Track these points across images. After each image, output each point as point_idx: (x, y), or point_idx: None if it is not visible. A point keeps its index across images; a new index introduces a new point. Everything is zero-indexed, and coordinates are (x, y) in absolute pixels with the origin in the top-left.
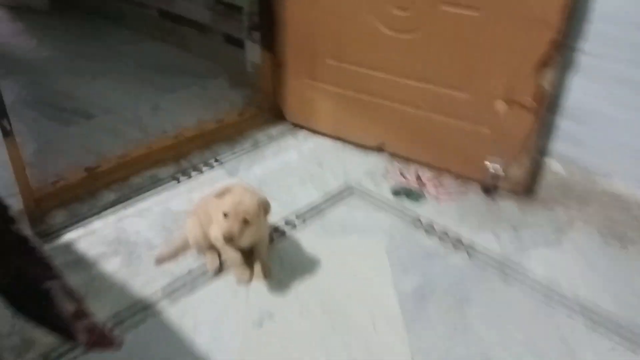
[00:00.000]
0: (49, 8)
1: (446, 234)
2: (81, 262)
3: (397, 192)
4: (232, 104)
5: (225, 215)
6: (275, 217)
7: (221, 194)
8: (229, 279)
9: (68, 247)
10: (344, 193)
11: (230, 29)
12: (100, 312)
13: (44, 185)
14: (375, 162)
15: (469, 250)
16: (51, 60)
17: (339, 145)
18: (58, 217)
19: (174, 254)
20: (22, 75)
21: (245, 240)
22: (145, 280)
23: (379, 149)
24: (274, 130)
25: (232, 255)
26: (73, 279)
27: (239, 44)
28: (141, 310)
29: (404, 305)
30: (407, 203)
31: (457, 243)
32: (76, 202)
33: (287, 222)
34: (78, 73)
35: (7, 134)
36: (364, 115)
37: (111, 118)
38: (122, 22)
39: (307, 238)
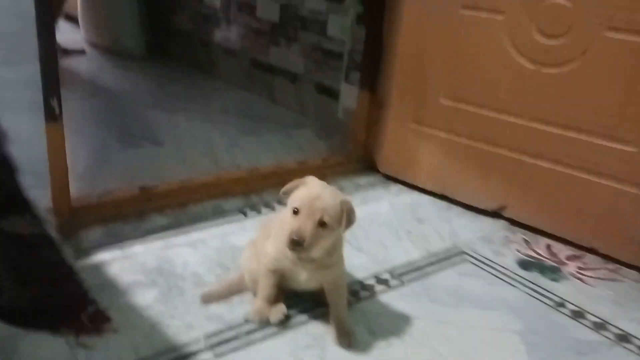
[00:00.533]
0: (145, 54)
1: (604, 324)
2: (108, 288)
3: (526, 266)
4: (317, 154)
5: (295, 212)
6: (362, 271)
7: (290, 189)
8: (298, 337)
9: (97, 268)
10: (454, 257)
11: (323, 77)
12: (119, 351)
13: (86, 196)
14: (491, 227)
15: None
16: (136, 95)
17: (442, 204)
18: (94, 233)
19: (225, 294)
20: (102, 101)
21: (317, 252)
22: (184, 324)
23: (497, 213)
24: (362, 180)
25: (263, 286)
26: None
27: (330, 93)
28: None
29: None
30: (541, 281)
31: (622, 337)
32: (119, 222)
33: (379, 280)
34: (159, 108)
35: (54, 118)
36: (481, 169)
37: (182, 147)
38: (214, 71)
39: (406, 303)
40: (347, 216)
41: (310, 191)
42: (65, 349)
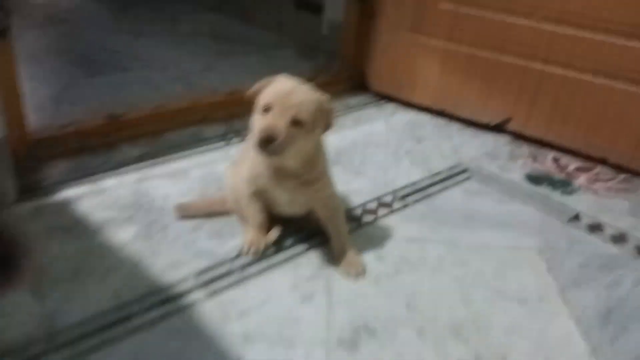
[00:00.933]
0: None
1: (624, 236)
2: (77, 228)
3: (536, 180)
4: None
5: (265, 109)
6: (362, 195)
7: (259, 88)
8: (299, 268)
9: (63, 207)
10: (458, 175)
11: None
12: (98, 298)
13: (46, 127)
14: (495, 142)
15: None
16: (95, 18)
17: (441, 121)
18: (58, 168)
19: (205, 210)
20: (59, 27)
21: (292, 158)
22: (170, 262)
23: (501, 127)
24: (353, 100)
25: (251, 213)
26: (60, 249)
27: (312, 8)
28: (160, 304)
29: (590, 337)
30: (553, 194)
31: None
32: (87, 154)
33: (382, 203)
34: (122, 31)
35: (2, 32)
36: (484, 80)
37: (151, 73)
38: None
39: (413, 226)
40: (325, 115)
41: (282, 86)
42: (32, 302)
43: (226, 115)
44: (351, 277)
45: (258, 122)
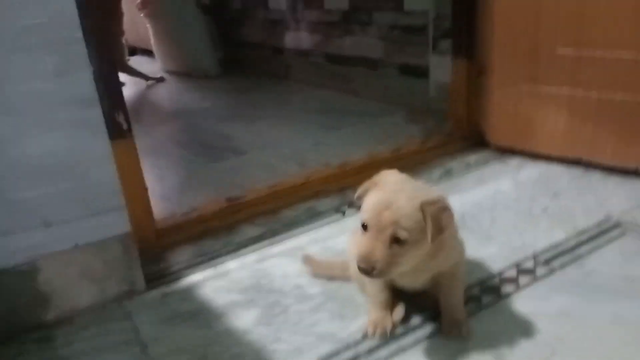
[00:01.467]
0: (220, 71)
1: None
2: (202, 314)
3: None
4: (412, 139)
5: (364, 227)
6: (496, 263)
7: (362, 193)
8: (433, 350)
9: (188, 293)
10: (610, 232)
11: (406, 57)
12: None
13: (170, 216)
14: None
15: None
16: (215, 111)
17: (577, 172)
18: (183, 254)
19: (326, 270)
20: (182, 122)
21: (403, 274)
22: (293, 347)
23: None
24: (472, 157)
25: (372, 292)
26: (187, 337)
27: (416, 72)
28: None
29: None
30: None
31: None
32: (208, 238)
33: (522, 270)
34: (237, 118)
35: (122, 134)
36: (621, 121)
37: (266, 154)
38: (289, 75)
39: (563, 296)
40: (433, 222)
41: (379, 197)
42: None
43: (339, 188)
44: (451, 336)
45: (358, 242)
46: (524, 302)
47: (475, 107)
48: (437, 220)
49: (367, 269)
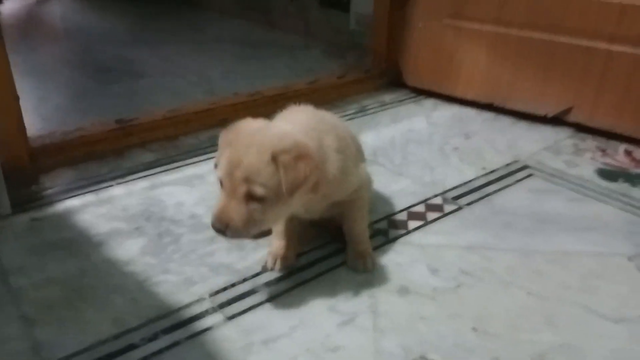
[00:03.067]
0: None
1: None
2: (78, 242)
3: (610, 175)
4: (330, 73)
5: (220, 183)
6: (406, 198)
7: (220, 145)
8: (339, 287)
9: (63, 219)
10: (518, 172)
11: None
12: (96, 325)
13: (48, 135)
14: (554, 136)
15: None
16: (116, 34)
17: (490, 114)
18: (61, 177)
19: None
20: (74, 41)
21: (274, 222)
22: (182, 279)
23: (559, 118)
24: (388, 96)
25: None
26: (58, 267)
27: (337, 4)
28: (169, 330)
29: None
30: (633, 191)
31: None
32: (93, 162)
33: (430, 206)
34: (142, 43)
35: None
36: (539, 66)
37: (169, 79)
38: (205, 3)
39: (472, 231)
40: (286, 173)
41: (231, 152)
42: (21, 331)
43: (248, 116)
44: (357, 270)
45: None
46: (431, 237)
47: (396, 42)
48: (292, 170)
49: (221, 228)
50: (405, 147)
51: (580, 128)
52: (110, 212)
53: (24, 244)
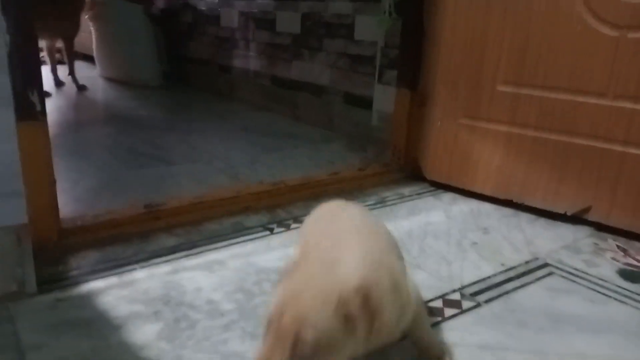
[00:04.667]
0: (162, 83)
1: None
2: (96, 323)
3: (632, 277)
4: (351, 166)
5: (267, 327)
6: (424, 291)
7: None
8: None
9: (85, 300)
10: (537, 271)
11: (352, 86)
12: None
13: (79, 217)
14: (574, 234)
15: None
16: (149, 121)
17: (508, 211)
18: (88, 258)
19: None
20: (113, 126)
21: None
22: None
23: (579, 216)
24: (407, 189)
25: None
26: (73, 347)
27: (361, 102)
28: None
29: None
30: None
31: None
32: (119, 244)
33: (448, 302)
34: (173, 130)
35: (33, 115)
36: (555, 165)
37: (197, 166)
38: (233, 94)
39: (489, 329)
40: (363, 317)
41: (284, 292)
42: None
43: (270, 205)
44: None
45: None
46: (447, 333)
47: (415, 139)
48: (367, 313)
49: None
50: (423, 240)
51: (600, 227)
52: (131, 294)
53: (45, 322)
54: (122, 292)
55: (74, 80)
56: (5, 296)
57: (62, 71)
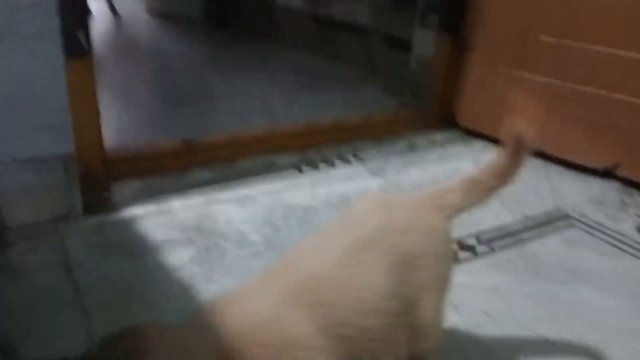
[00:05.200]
0: (204, 20)
1: None
2: (136, 247)
3: None
4: (386, 110)
5: None
6: None
7: None
8: None
9: (126, 225)
10: (557, 222)
11: (393, 28)
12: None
13: (122, 149)
14: (601, 188)
15: None
16: (191, 58)
17: (539, 162)
18: (129, 187)
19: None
20: (154, 61)
21: None
22: (221, 289)
23: (608, 172)
24: (438, 136)
25: None
26: (116, 267)
27: (402, 45)
28: None
29: None
30: None
31: None
32: (158, 176)
33: (463, 246)
34: (213, 67)
35: (81, 52)
36: (591, 120)
37: (235, 104)
38: (276, 34)
39: (499, 274)
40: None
41: None
42: (79, 321)
43: (302, 146)
44: None
45: None
46: (459, 275)
47: (452, 86)
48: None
49: None
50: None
51: (629, 183)
52: (167, 222)
53: (90, 243)
54: (160, 220)
55: (111, 7)
56: (55, 219)
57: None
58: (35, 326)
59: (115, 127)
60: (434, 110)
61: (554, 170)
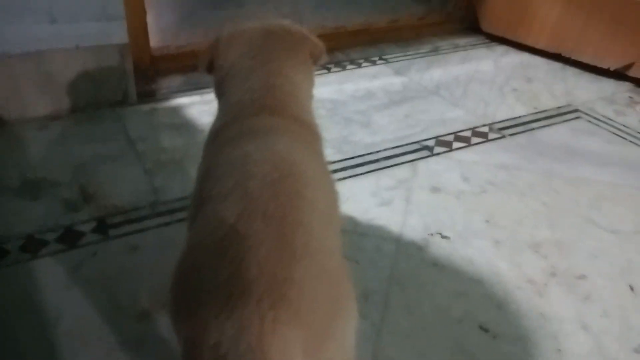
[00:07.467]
0: None
1: None
2: (185, 127)
3: None
4: (411, 13)
5: None
6: (455, 124)
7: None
8: (382, 181)
9: (175, 110)
10: (567, 115)
11: None
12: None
13: (166, 46)
14: (613, 88)
15: None
16: None
17: (557, 65)
18: (174, 80)
19: None
20: None
21: None
22: None
23: (622, 72)
24: (462, 40)
25: None
26: (171, 140)
27: None
28: None
29: None
30: None
31: None
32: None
33: (476, 133)
34: None
35: None
36: (609, 22)
37: (265, 9)
38: None
39: (508, 154)
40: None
41: None
42: (143, 177)
43: (330, 48)
44: None
45: None
46: (470, 155)
47: None
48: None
49: None
50: (468, 84)
51: None
52: (210, 109)
53: (145, 123)
54: (204, 108)
55: None
56: (114, 102)
57: None
58: (106, 179)
59: (157, 26)
60: (459, 16)
61: (571, 72)
